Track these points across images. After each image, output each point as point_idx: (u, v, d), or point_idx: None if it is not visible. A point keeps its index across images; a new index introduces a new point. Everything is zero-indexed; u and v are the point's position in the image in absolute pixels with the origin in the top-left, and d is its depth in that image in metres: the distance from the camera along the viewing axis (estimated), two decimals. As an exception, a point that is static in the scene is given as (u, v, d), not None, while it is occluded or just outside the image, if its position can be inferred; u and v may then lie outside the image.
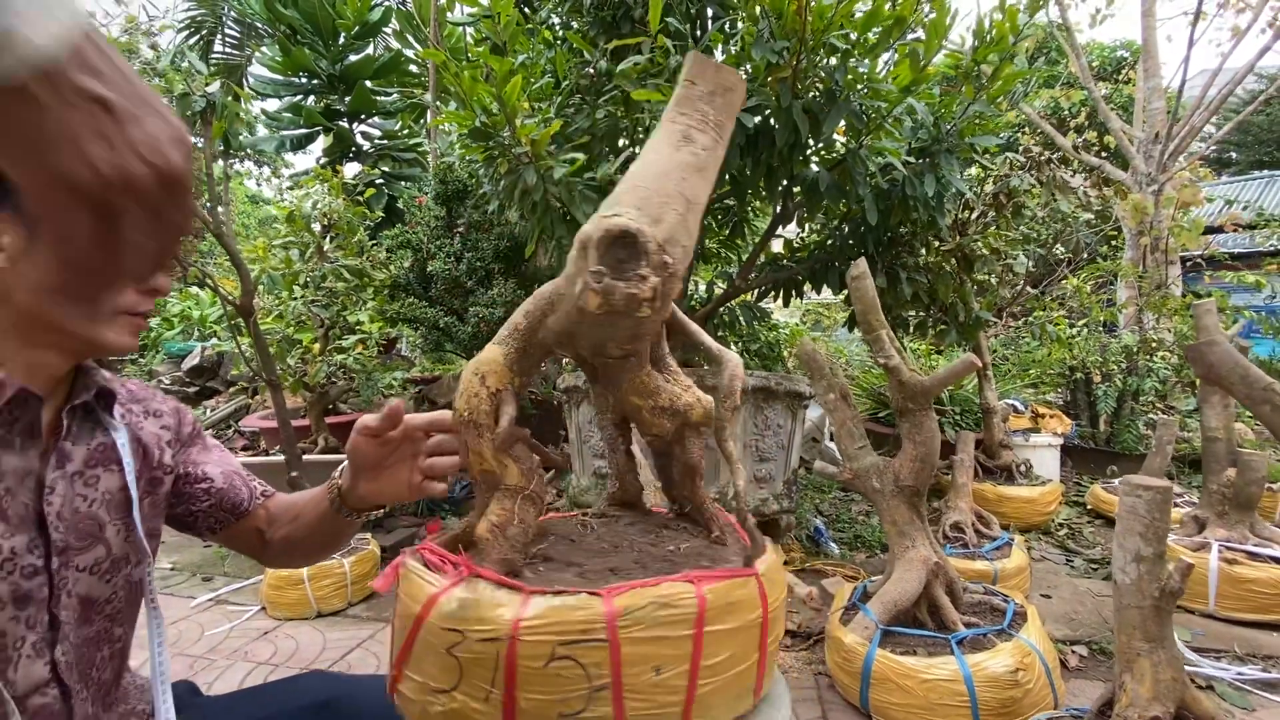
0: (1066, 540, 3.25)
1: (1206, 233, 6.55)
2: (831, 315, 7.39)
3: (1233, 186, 13.41)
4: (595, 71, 2.70)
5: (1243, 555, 2.38)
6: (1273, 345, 7.33)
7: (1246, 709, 1.84)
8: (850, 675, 1.74)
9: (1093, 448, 4.44)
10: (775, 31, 2.09)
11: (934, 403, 4.37)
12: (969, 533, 2.59)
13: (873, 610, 1.77)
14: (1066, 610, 2.42)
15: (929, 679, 1.60)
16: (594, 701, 0.51)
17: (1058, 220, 5.21)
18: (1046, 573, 2.82)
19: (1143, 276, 5.33)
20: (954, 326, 3.17)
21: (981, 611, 1.87)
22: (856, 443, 1.92)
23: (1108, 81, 9.72)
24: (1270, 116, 15.17)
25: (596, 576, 0.57)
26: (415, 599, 0.55)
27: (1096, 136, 7.37)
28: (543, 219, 2.46)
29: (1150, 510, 1.23)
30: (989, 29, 2.31)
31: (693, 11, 2.56)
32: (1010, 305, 5.03)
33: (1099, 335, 4.89)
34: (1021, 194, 3.37)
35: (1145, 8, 6.49)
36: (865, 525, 3.35)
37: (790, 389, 2.92)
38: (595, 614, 0.51)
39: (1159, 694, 1.21)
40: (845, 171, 2.42)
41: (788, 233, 3.81)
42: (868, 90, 2.24)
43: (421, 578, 0.56)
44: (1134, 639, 1.25)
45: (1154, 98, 6.39)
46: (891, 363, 1.80)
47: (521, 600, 0.52)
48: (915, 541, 1.82)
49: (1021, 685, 1.58)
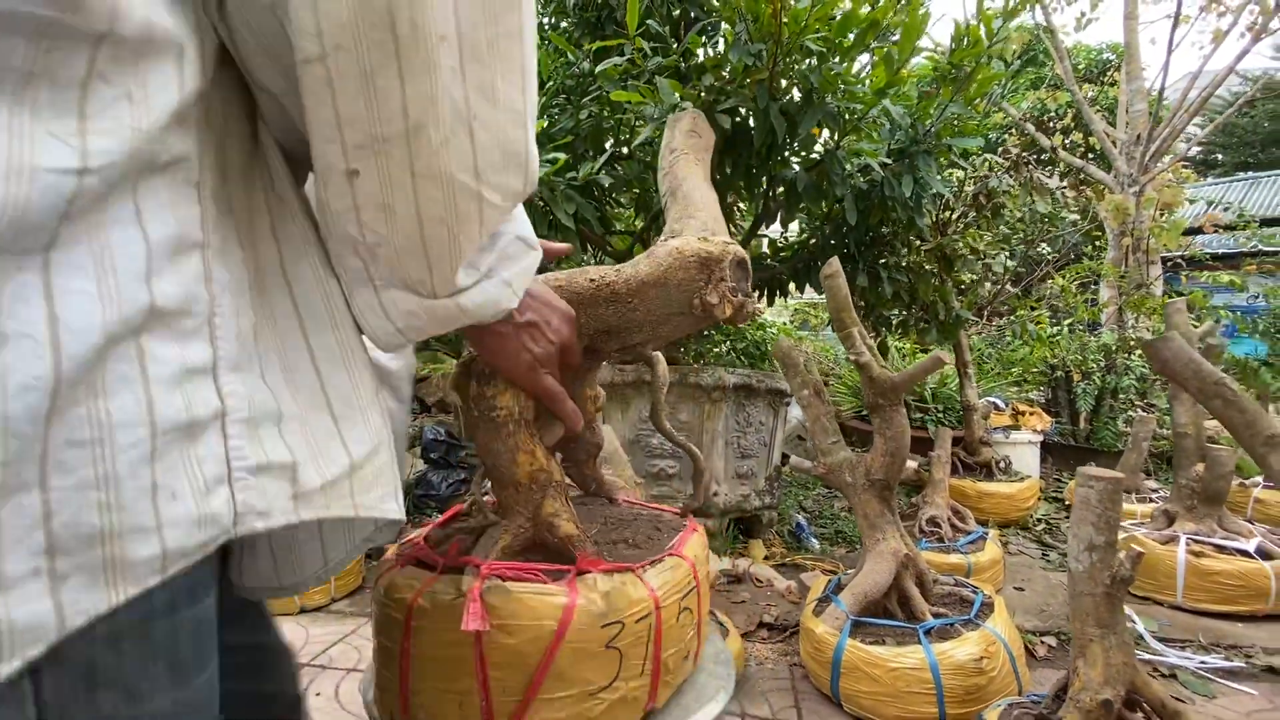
0: (1044, 535, 3.31)
1: (1187, 233, 6.64)
2: (818, 314, 7.45)
3: (1217, 188, 13.57)
4: (580, 72, 2.73)
5: (1210, 548, 2.44)
6: (1255, 344, 7.44)
7: (1208, 696, 1.89)
8: (821, 665, 1.78)
9: (1072, 444, 4.51)
10: (752, 34, 2.13)
11: (919, 401, 4.41)
12: (945, 527, 2.64)
13: (844, 601, 1.81)
14: (1039, 602, 2.48)
15: (896, 667, 1.64)
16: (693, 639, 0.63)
17: (1038, 220, 5.28)
18: (1022, 566, 2.87)
19: (1123, 276, 5.41)
20: (935, 325, 3.22)
21: (951, 603, 1.91)
22: (830, 438, 1.96)
23: (1094, 84, 9.82)
24: (1253, 119, 15.36)
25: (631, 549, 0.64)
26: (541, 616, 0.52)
27: (1082, 138, 7.47)
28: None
29: (1102, 500, 1.27)
30: (965, 33, 2.36)
31: (674, 14, 2.60)
32: (990, 304, 5.09)
33: (1081, 334, 4.97)
34: (1001, 195, 3.43)
35: (1128, 10, 6.57)
36: (846, 521, 3.40)
37: (771, 386, 2.96)
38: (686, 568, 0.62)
39: (1110, 677, 1.26)
40: (823, 172, 2.46)
41: (772, 233, 3.85)
42: (844, 93, 2.28)
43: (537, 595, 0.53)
44: (1087, 625, 1.30)
45: (1136, 100, 6.48)
46: (863, 359, 1.84)
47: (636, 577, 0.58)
48: (886, 534, 1.86)
49: (986, 673, 1.62)
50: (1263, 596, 2.32)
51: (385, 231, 0.42)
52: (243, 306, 0.39)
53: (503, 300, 0.48)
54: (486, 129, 0.40)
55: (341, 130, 0.39)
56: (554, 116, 2.75)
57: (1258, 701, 1.86)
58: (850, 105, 2.31)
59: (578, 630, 0.53)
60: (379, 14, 0.35)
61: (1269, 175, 14.15)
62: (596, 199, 2.75)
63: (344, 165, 0.40)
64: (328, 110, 0.38)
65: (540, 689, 0.52)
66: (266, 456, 0.38)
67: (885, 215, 2.69)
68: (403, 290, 0.44)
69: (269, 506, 0.37)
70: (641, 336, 0.63)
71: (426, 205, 0.40)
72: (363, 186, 0.40)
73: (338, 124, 0.38)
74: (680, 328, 0.62)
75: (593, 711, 0.54)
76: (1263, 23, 6.15)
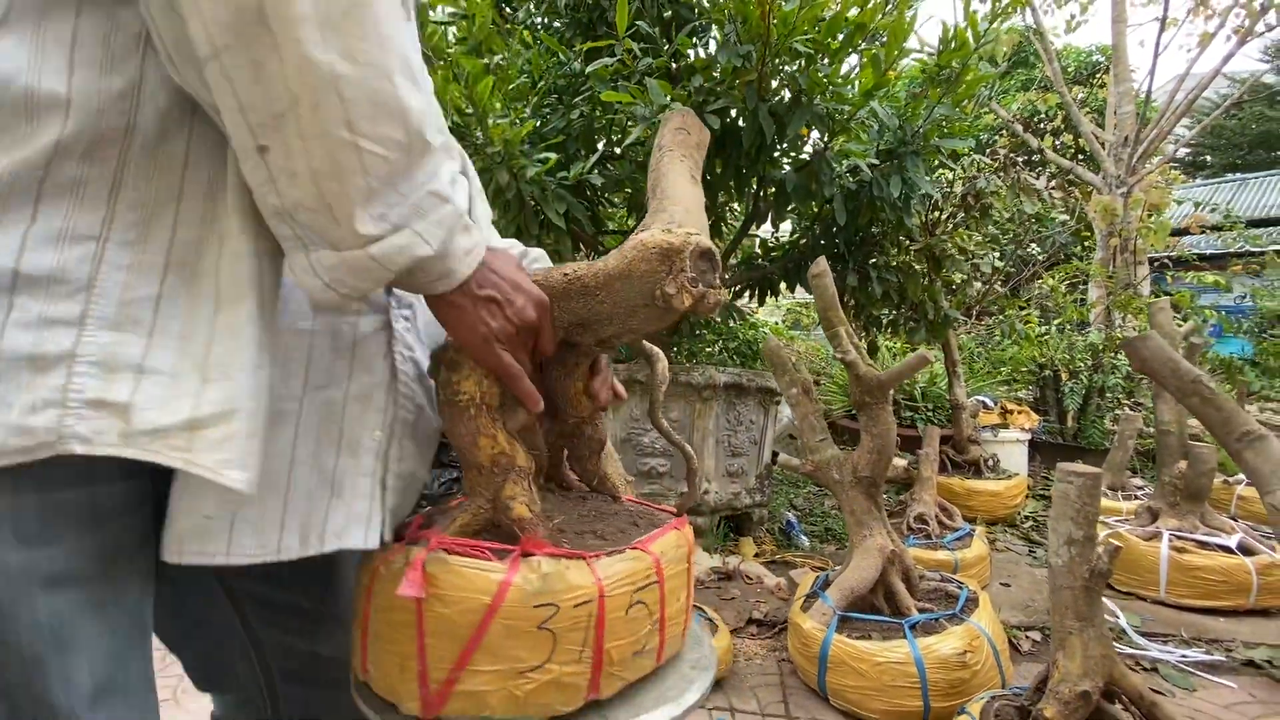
0: (1031, 532, 3.34)
1: (1174, 234, 6.71)
2: (810, 314, 7.49)
3: (1206, 189, 13.70)
4: (571, 72, 2.74)
5: (1192, 544, 2.47)
6: (1241, 344, 7.53)
7: (1188, 689, 1.92)
8: (809, 660, 1.80)
9: (1060, 443, 4.56)
10: (741, 35, 2.15)
11: (908, 399, 4.44)
12: (932, 524, 2.67)
13: (831, 597, 1.83)
14: (1024, 598, 2.51)
15: (882, 662, 1.66)
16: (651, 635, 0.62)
17: (1026, 221, 5.32)
18: (1008, 562, 2.91)
19: (1111, 276, 5.46)
20: (924, 325, 3.25)
21: (937, 598, 1.93)
22: (818, 435, 1.98)
23: (1083, 85, 9.90)
24: (1241, 121, 15.51)
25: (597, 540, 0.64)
26: (479, 590, 0.54)
27: (1072, 139, 7.53)
28: (516, 217, 2.50)
29: (1081, 496, 1.29)
30: (952, 35, 2.39)
31: (665, 16, 2.61)
32: (979, 304, 5.14)
33: (1069, 334, 5.02)
34: (989, 195, 3.46)
35: (1116, 13, 6.64)
36: (836, 519, 3.42)
37: (762, 385, 2.98)
38: (648, 561, 0.61)
39: (1088, 670, 1.28)
40: (813, 173, 2.48)
41: (764, 232, 3.87)
42: (832, 94, 2.30)
43: (476, 568, 0.55)
44: (1066, 618, 1.32)
45: (1124, 102, 6.54)
46: (849, 358, 1.86)
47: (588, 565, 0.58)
48: (873, 530, 1.89)
49: (970, 667, 1.65)
50: (1244, 592, 2.36)
51: (298, 195, 0.47)
52: (141, 282, 0.49)
53: (415, 249, 0.51)
54: (352, 86, 0.45)
55: (245, 115, 0.46)
56: (546, 116, 2.76)
57: (1237, 694, 1.89)
58: (838, 106, 2.33)
59: (510, 607, 0.54)
60: (251, 11, 0.42)
61: (1256, 176, 14.30)
62: (588, 199, 2.76)
63: (253, 143, 0.46)
64: (231, 99, 0.45)
65: (470, 660, 0.54)
66: (105, 395, 0.47)
67: (874, 215, 2.71)
68: (326, 248, 0.50)
69: (93, 435, 0.47)
70: (613, 329, 0.64)
71: (318, 163, 0.46)
72: (273, 160, 0.47)
73: (241, 109, 0.45)
74: (649, 320, 0.62)
75: (521, 689, 0.55)
76: (1249, 26, 6.23)
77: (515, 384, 0.61)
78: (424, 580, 0.54)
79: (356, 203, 0.47)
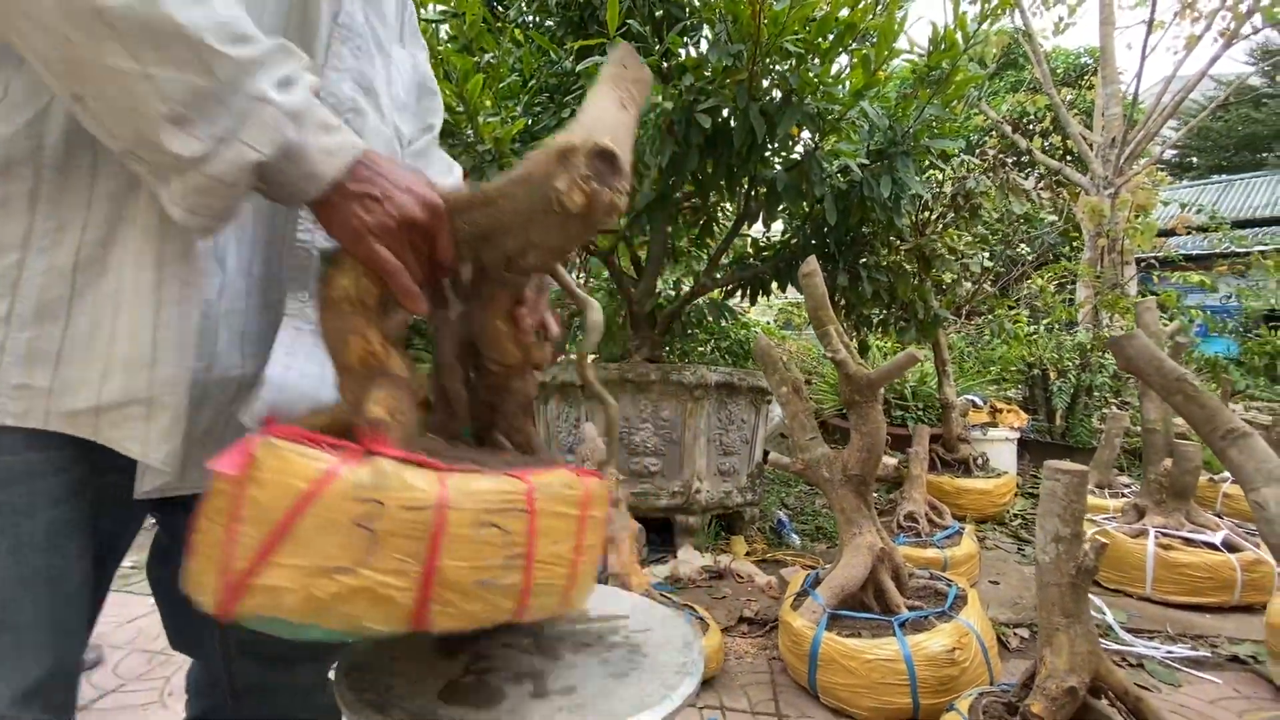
0: (1019, 530, 3.37)
1: (1161, 235, 6.77)
2: (801, 314, 7.51)
3: (1192, 190, 13.85)
4: (562, 70, 2.74)
5: (1178, 541, 2.50)
6: (1227, 343, 7.62)
7: (1174, 684, 1.94)
8: (799, 658, 1.81)
9: (1048, 441, 4.59)
10: (732, 35, 2.15)
11: (899, 398, 4.46)
12: (922, 522, 2.68)
13: (821, 595, 1.84)
14: (1013, 595, 2.53)
15: (871, 659, 1.67)
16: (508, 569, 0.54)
17: (1015, 221, 5.36)
18: (997, 560, 2.93)
19: (1098, 277, 5.51)
20: (914, 324, 3.27)
21: (926, 596, 1.94)
22: (808, 434, 1.99)
23: (1072, 87, 9.98)
24: (1227, 122, 15.68)
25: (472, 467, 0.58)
26: (299, 476, 0.49)
27: (1061, 140, 7.60)
28: (507, 216, 2.50)
29: (1068, 493, 1.30)
30: (942, 36, 2.40)
31: (657, 15, 2.61)
32: (969, 303, 5.17)
33: (1058, 333, 5.06)
34: (978, 196, 3.49)
35: (1104, 16, 6.70)
36: (827, 517, 3.44)
37: (753, 384, 2.99)
38: (517, 486, 0.54)
39: (1075, 666, 1.29)
40: (803, 173, 2.49)
41: (756, 232, 3.88)
42: (822, 94, 2.31)
43: (303, 455, 0.50)
44: (1054, 615, 1.33)
45: (1112, 103, 6.60)
46: (839, 356, 1.87)
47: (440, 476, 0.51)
48: (862, 529, 1.89)
49: (958, 664, 1.66)
50: (1229, 588, 2.39)
51: (123, 131, 0.50)
52: (59, 283, 0.56)
53: (245, 157, 0.52)
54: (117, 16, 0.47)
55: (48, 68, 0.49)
56: (536, 115, 2.76)
57: (1221, 690, 1.91)
58: (829, 106, 2.34)
59: (329, 498, 0.48)
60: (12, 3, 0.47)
61: (1242, 178, 14.48)
62: (579, 197, 2.75)
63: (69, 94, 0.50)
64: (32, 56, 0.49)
65: (274, 551, 0.48)
66: (29, 381, 0.56)
67: (865, 215, 2.72)
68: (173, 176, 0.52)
69: (23, 414, 0.57)
70: (515, 242, 0.62)
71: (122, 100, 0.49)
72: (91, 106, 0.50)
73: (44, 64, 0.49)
74: (549, 230, 0.59)
75: (324, 589, 0.49)
76: (1235, 29, 6.30)
77: (394, 279, 0.59)
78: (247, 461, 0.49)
79: (167, 129, 0.49)
